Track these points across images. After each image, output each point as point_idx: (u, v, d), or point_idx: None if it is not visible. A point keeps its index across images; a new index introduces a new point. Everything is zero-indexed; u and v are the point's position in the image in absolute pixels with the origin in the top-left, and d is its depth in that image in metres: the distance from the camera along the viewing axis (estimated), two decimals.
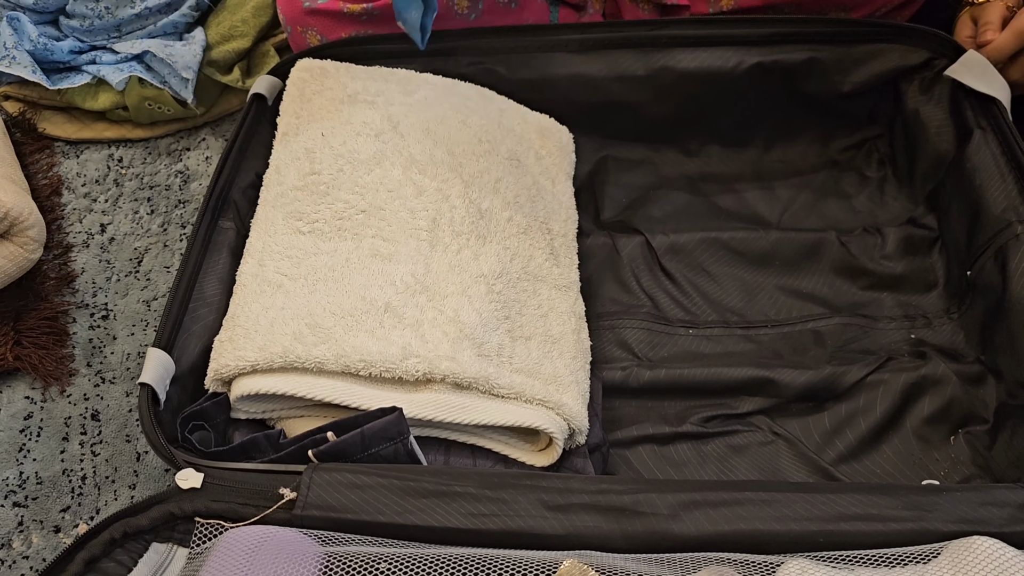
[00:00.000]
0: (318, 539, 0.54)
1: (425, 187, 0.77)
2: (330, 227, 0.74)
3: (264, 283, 0.70)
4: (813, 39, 0.87)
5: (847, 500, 0.54)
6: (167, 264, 0.98)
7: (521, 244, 0.78)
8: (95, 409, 0.86)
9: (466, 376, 0.65)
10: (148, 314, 0.93)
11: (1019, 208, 0.74)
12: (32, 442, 0.84)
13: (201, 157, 1.08)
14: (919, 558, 0.51)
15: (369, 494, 0.55)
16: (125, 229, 1.01)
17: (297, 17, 0.94)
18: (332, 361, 0.64)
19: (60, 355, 0.89)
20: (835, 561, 0.52)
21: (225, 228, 0.77)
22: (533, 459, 0.68)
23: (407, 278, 0.70)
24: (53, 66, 1.08)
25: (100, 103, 1.07)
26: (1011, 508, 0.53)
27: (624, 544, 0.53)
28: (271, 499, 0.56)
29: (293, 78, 0.86)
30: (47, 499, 0.80)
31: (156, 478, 0.81)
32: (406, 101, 0.83)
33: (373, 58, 0.89)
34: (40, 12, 1.09)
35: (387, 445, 0.60)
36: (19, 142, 1.06)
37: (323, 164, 0.77)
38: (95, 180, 1.06)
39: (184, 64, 1.05)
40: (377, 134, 0.80)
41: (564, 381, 0.69)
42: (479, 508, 0.55)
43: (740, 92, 0.91)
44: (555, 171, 0.87)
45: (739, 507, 0.54)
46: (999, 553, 0.48)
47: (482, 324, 0.69)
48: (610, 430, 0.75)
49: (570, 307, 0.77)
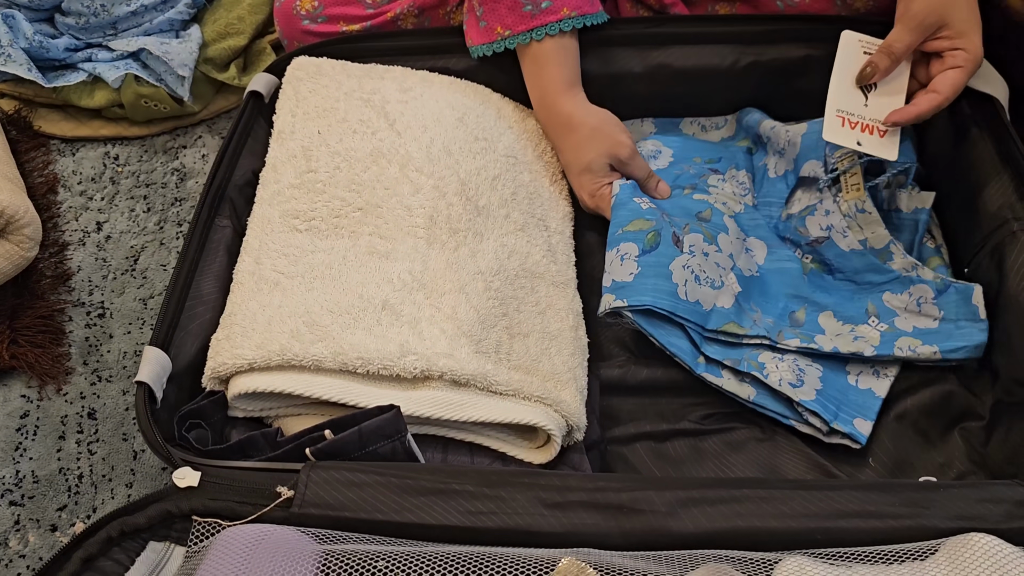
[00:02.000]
0: (316, 537, 0.54)
1: (422, 184, 0.77)
2: (327, 225, 0.74)
3: (261, 281, 0.70)
4: (809, 37, 0.87)
5: (845, 497, 0.54)
6: (163, 262, 0.98)
7: (518, 241, 0.78)
8: (91, 408, 0.86)
9: (464, 373, 0.65)
10: (144, 312, 0.93)
11: (1015, 206, 0.74)
12: (28, 441, 0.84)
13: (197, 155, 1.08)
14: (917, 555, 0.51)
15: (367, 492, 0.55)
16: (121, 227, 1.01)
17: (295, 34, 0.94)
18: (330, 359, 0.64)
19: (56, 353, 0.89)
20: (833, 558, 0.52)
21: (222, 226, 0.76)
22: (531, 456, 0.68)
23: (404, 275, 0.70)
24: (49, 64, 1.08)
25: (96, 101, 1.07)
26: (1008, 504, 0.53)
27: (622, 541, 0.53)
28: (268, 497, 0.56)
29: (289, 76, 0.86)
30: (44, 498, 0.80)
31: (153, 477, 0.81)
32: (402, 99, 0.83)
33: (369, 56, 0.89)
34: (36, 10, 1.09)
35: (385, 443, 0.60)
36: (15, 140, 1.06)
37: (320, 162, 0.77)
38: (91, 178, 1.06)
39: (180, 62, 1.05)
40: (374, 132, 0.80)
41: (562, 378, 0.69)
42: (477, 506, 0.55)
43: (736, 89, 0.91)
44: (553, 168, 0.87)
45: (737, 504, 0.54)
46: (996, 549, 0.48)
47: (480, 321, 0.69)
48: (608, 427, 0.75)
49: (568, 304, 0.77)
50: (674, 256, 0.75)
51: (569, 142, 0.84)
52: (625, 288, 0.74)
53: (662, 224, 0.77)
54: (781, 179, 0.85)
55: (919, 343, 0.74)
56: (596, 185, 0.83)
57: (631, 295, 0.74)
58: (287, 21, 0.94)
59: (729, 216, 0.80)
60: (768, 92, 0.91)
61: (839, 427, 0.71)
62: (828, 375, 0.74)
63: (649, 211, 0.78)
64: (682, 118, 0.95)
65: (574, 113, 0.83)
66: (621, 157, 0.82)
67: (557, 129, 0.85)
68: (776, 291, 0.79)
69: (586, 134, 0.82)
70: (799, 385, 0.72)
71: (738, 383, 0.74)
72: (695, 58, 0.88)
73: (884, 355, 0.74)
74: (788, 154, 0.84)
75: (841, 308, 0.78)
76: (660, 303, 0.73)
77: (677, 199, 0.83)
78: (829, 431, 0.72)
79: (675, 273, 0.75)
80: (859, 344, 0.74)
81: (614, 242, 0.77)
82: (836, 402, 0.72)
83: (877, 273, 0.78)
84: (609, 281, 0.76)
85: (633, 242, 0.76)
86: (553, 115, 0.84)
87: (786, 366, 0.74)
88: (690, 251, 0.76)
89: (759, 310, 0.77)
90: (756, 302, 0.78)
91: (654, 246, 0.75)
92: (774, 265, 0.80)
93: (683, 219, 0.79)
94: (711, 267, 0.76)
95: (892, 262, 0.78)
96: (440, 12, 0.93)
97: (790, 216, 0.82)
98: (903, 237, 0.80)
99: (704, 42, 0.88)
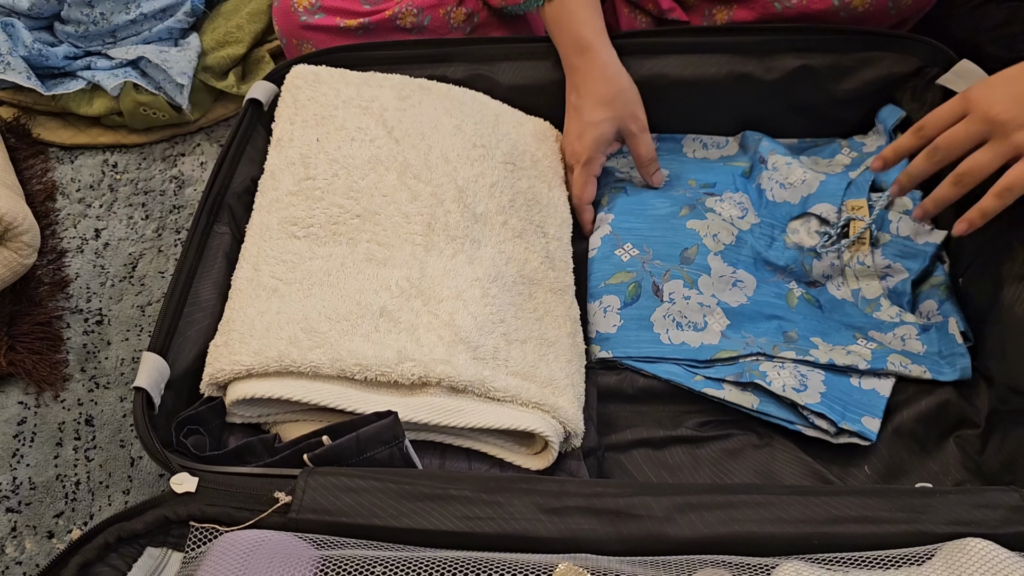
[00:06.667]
0: (313, 543, 0.54)
1: (420, 192, 0.77)
2: (325, 232, 0.74)
3: (259, 288, 0.70)
4: (805, 47, 0.87)
5: (841, 503, 0.54)
6: (161, 269, 0.98)
7: (516, 248, 0.78)
8: (89, 414, 0.86)
9: (461, 379, 0.65)
10: (142, 319, 0.93)
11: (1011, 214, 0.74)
12: (25, 447, 0.84)
13: (196, 162, 1.09)
14: (913, 560, 0.51)
15: (364, 498, 0.55)
16: (120, 234, 1.01)
17: (293, 31, 0.95)
18: (327, 365, 0.64)
19: (54, 360, 0.89)
20: (830, 563, 0.52)
21: (220, 233, 0.77)
22: (528, 462, 0.68)
23: (402, 282, 0.71)
24: (48, 72, 1.08)
25: (95, 109, 1.07)
26: (1004, 510, 0.54)
27: (619, 547, 0.53)
28: (266, 503, 0.56)
29: (288, 84, 0.86)
30: (41, 504, 0.80)
31: (150, 483, 0.81)
32: (401, 106, 0.83)
33: (367, 64, 0.89)
34: (35, 18, 1.09)
35: (382, 449, 0.60)
36: (14, 147, 1.06)
37: (318, 169, 0.78)
38: (90, 185, 1.06)
39: (179, 70, 1.05)
40: (372, 139, 0.80)
41: (559, 384, 0.69)
42: (474, 511, 0.55)
43: (733, 99, 0.91)
44: (551, 175, 0.87)
45: (734, 509, 0.54)
46: (992, 554, 0.48)
47: (477, 328, 0.69)
48: (605, 434, 0.75)
49: (565, 311, 0.77)
50: (654, 307, 0.79)
51: (594, 90, 0.83)
52: (610, 340, 0.78)
53: (642, 275, 0.80)
54: (784, 204, 0.86)
55: (909, 361, 0.75)
56: (592, 146, 0.83)
57: (616, 348, 0.77)
58: (285, 18, 0.95)
59: (715, 253, 0.82)
60: (765, 102, 0.91)
61: (847, 426, 0.71)
62: (831, 378, 0.74)
63: (630, 262, 0.81)
64: (684, 135, 0.95)
65: (609, 64, 0.83)
66: (632, 129, 0.83)
67: (588, 74, 0.83)
68: (768, 316, 0.80)
69: (612, 93, 0.82)
70: (803, 390, 0.73)
71: (740, 392, 0.74)
72: (692, 68, 0.89)
73: (878, 368, 0.74)
74: (798, 191, 0.85)
75: (830, 334, 0.79)
76: (645, 352, 0.77)
77: (671, 221, 0.84)
78: (837, 431, 0.72)
79: (656, 323, 0.78)
80: (852, 358, 0.75)
81: (596, 295, 0.80)
82: (842, 403, 0.73)
83: (864, 319, 0.80)
84: (594, 332, 0.79)
85: (615, 295, 0.80)
86: (588, 59, 0.83)
87: (788, 373, 0.74)
88: (670, 299, 0.79)
89: (751, 335, 0.78)
90: (747, 329, 0.79)
91: (635, 298, 0.79)
92: (763, 299, 0.81)
93: (664, 264, 0.81)
94: (693, 310, 0.79)
95: (879, 312, 0.80)
96: (440, 11, 0.93)
97: (799, 246, 0.84)
98: (913, 264, 0.80)
99: (700, 52, 0.88)
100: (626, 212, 0.84)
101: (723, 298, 0.80)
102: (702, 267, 0.81)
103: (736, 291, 0.81)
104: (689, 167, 0.92)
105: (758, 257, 0.83)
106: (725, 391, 0.75)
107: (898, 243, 0.81)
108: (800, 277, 0.83)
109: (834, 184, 0.84)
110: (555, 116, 0.92)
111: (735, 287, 0.81)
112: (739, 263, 0.82)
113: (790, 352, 0.76)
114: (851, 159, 0.89)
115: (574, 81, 0.85)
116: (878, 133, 0.90)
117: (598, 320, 0.79)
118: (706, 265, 0.81)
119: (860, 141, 0.91)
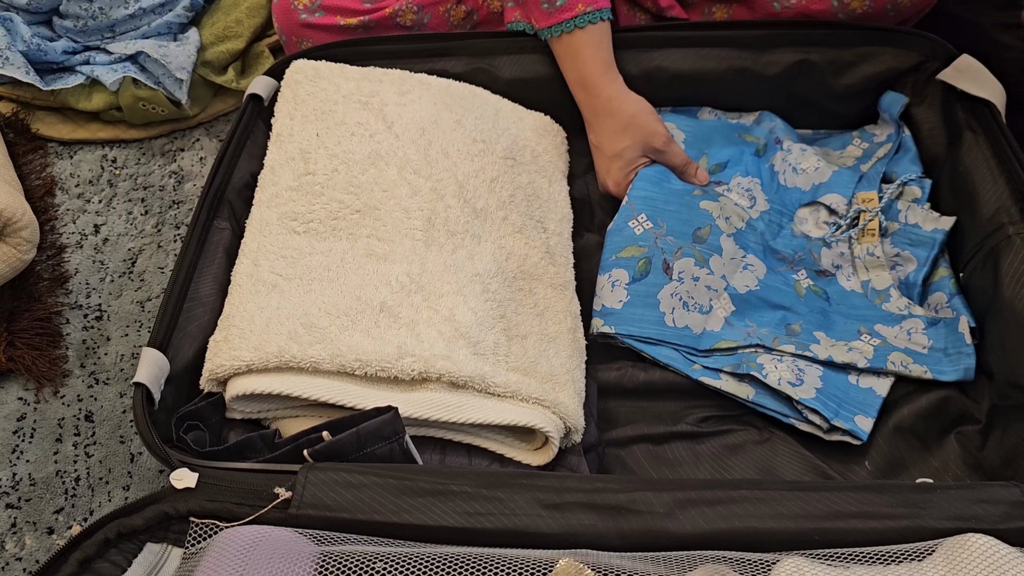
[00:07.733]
0: (313, 538, 0.54)
1: (420, 187, 0.77)
2: (325, 227, 0.74)
3: (259, 283, 0.70)
4: (805, 42, 0.87)
5: (842, 498, 0.54)
6: (161, 265, 0.98)
7: (516, 243, 0.78)
8: (89, 410, 0.86)
9: (462, 375, 0.65)
10: (142, 315, 0.93)
11: (1011, 210, 0.74)
12: (25, 443, 0.83)
13: (195, 158, 1.08)
14: (914, 555, 0.51)
15: (365, 493, 0.55)
16: (119, 230, 1.01)
17: (293, 29, 0.94)
18: (328, 361, 0.64)
19: (53, 356, 0.89)
20: (830, 559, 0.52)
21: (220, 228, 0.77)
22: (529, 458, 0.68)
23: (402, 277, 0.71)
24: (47, 66, 1.08)
25: (94, 104, 1.07)
26: (1004, 505, 0.54)
27: (620, 542, 0.53)
28: (266, 498, 0.56)
29: (287, 79, 0.86)
30: (40, 500, 0.80)
31: (150, 479, 0.81)
32: (400, 101, 0.83)
33: (367, 59, 0.89)
34: (33, 12, 1.09)
35: (382, 444, 0.60)
36: (12, 143, 1.06)
37: (318, 164, 0.77)
38: (89, 181, 1.06)
39: (178, 65, 1.05)
40: (372, 134, 0.80)
41: (560, 380, 0.69)
42: (475, 507, 0.55)
43: (732, 93, 0.91)
44: (551, 170, 0.87)
45: (734, 505, 0.54)
46: (993, 550, 0.48)
47: (477, 323, 0.69)
48: (605, 430, 0.75)
49: (566, 306, 0.77)
50: (663, 284, 0.78)
51: (606, 126, 0.85)
52: (613, 315, 0.77)
53: (654, 251, 0.79)
54: (795, 190, 0.86)
55: (911, 360, 0.75)
56: (623, 174, 0.85)
57: (618, 324, 0.77)
58: (285, 16, 0.94)
59: (728, 235, 0.81)
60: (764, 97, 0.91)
61: (840, 424, 0.71)
62: (828, 374, 0.74)
63: (643, 236, 0.80)
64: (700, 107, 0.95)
65: (614, 97, 0.85)
66: (656, 146, 0.84)
67: (596, 111, 0.86)
68: (774, 305, 0.80)
69: (624, 121, 0.84)
70: (799, 384, 0.73)
71: (736, 383, 0.75)
72: (691, 62, 0.89)
73: (877, 367, 0.74)
74: (810, 178, 0.85)
75: (834, 329, 0.79)
76: (646, 332, 0.76)
77: (685, 198, 0.83)
78: (830, 428, 0.72)
79: (663, 302, 0.77)
80: (853, 355, 0.75)
81: (607, 267, 0.80)
82: (837, 400, 0.73)
83: (872, 310, 0.80)
84: (599, 305, 0.78)
85: (624, 269, 0.79)
86: (592, 96, 0.85)
87: (785, 366, 0.74)
88: (679, 278, 0.78)
89: (754, 324, 0.78)
90: (751, 317, 0.79)
91: (644, 274, 0.78)
92: (772, 284, 0.81)
93: (677, 241, 0.80)
94: (700, 292, 0.79)
95: (888, 304, 0.80)
96: (439, 9, 0.93)
97: (806, 236, 0.83)
98: (921, 252, 0.80)
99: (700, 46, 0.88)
100: (645, 179, 0.84)
101: (732, 281, 0.80)
102: (714, 247, 0.80)
103: (747, 274, 0.80)
104: (705, 131, 0.91)
105: (766, 246, 0.83)
106: (722, 381, 0.75)
107: (907, 231, 0.81)
108: (810, 265, 0.83)
109: (846, 176, 0.84)
110: (555, 110, 0.92)
111: (746, 270, 0.81)
112: (749, 248, 0.82)
113: (790, 346, 0.76)
114: (863, 150, 0.89)
115: (586, 117, 0.88)
116: (885, 122, 0.90)
117: (605, 293, 0.78)
118: (718, 246, 0.80)
119: (871, 132, 0.91)
